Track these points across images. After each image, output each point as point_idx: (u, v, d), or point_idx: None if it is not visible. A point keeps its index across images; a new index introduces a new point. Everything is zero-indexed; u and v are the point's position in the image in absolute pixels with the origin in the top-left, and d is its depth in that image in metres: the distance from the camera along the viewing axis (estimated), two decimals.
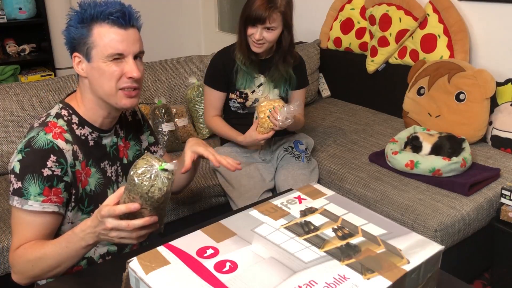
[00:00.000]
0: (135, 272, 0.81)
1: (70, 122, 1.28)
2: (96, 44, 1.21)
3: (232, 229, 0.93)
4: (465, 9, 2.60)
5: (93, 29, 1.21)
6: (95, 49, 1.21)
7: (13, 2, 3.37)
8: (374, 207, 2.01)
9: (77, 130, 1.28)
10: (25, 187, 1.18)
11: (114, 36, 1.21)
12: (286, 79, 2.12)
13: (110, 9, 1.20)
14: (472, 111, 2.35)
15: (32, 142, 1.19)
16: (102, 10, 1.20)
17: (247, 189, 1.99)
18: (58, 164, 1.20)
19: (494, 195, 2.01)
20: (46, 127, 1.23)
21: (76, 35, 1.22)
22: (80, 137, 1.29)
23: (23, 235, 1.21)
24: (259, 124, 1.94)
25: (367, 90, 3.03)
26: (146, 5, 4.18)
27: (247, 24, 1.97)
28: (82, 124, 1.30)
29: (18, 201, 1.18)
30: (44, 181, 1.18)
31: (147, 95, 2.55)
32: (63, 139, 1.22)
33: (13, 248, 1.22)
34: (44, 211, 1.20)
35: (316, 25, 3.34)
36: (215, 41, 4.31)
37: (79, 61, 1.25)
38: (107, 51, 1.21)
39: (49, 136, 1.20)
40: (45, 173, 1.18)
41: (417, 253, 0.86)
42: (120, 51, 1.22)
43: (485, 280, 2.21)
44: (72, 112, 1.29)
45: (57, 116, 1.27)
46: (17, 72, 3.48)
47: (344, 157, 2.34)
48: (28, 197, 1.18)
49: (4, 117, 2.16)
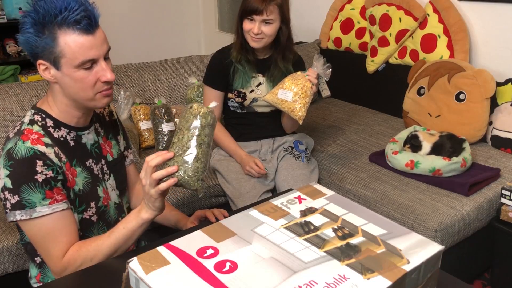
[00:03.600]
0: (135, 272, 0.81)
1: (46, 126, 1.25)
2: (64, 53, 1.15)
3: (232, 229, 0.93)
4: (465, 9, 2.60)
5: (59, 38, 1.14)
6: (64, 58, 1.16)
7: (13, 2, 3.38)
8: (374, 207, 2.01)
9: (54, 132, 1.26)
10: (24, 198, 1.16)
11: (83, 44, 1.15)
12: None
13: (74, 16, 1.13)
14: (472, 111, 2.35)
15: (13, 153, 1.16)
16: (66, 17, 1.13)
17: (247, 189, 1.99)
18: (47, 167, 1.18)
19: (494, 195, 2.01)
20: (22, 135, 1.20)
21: (39, 44, 1.15)
22: (59, 139, 1.27)
23: (59, 241, 1.21)
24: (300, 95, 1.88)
25: (367, 90, 3.03)
26: (146, 5, 4.18)
27: (244, 17, 1.96)
28: (58, 126, 1.27)
29: (22, 213, 1.17)
30: (42, 186, 1.17)
31: (147, 95, 2.55)
32: (42, 144, 1.20)
33: (57, 257, 1.22)
34: (55, 211, 1.20)
35: (316, 25, 3.34)
36: (215, 41, 4.31)
37: (45, 67, 1.19)
38: (77, 59, 1.16)
39: (27, 144, 1.17)
40: (40, 179, 1.17)
41: (417, 253, 0.86)
42: (91, 58, 1.18)
43: (485, 280, 2.21)
44: (45, 116, 1.26)
45: (31, 122, 1.24)
46: (17, 72, 3.48)
47: (344, 157, 2.34)
48: (33, 206, 1.17)
49: (4, 117, 2.16)
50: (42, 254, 1.25)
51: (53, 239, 1.22)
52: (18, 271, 1.76)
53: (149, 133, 2.47)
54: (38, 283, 1.36)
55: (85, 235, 1.33)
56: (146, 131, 2.47)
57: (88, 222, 1.33)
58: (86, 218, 1.32)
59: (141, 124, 2.47)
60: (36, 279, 1.36)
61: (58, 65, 1.18)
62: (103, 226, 1.38)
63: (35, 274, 1.36)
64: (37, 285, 1.37)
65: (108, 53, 1.24)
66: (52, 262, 1.24)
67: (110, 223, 1.40)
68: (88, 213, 1.32)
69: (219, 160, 2.16)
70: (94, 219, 1.34)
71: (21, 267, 1.76)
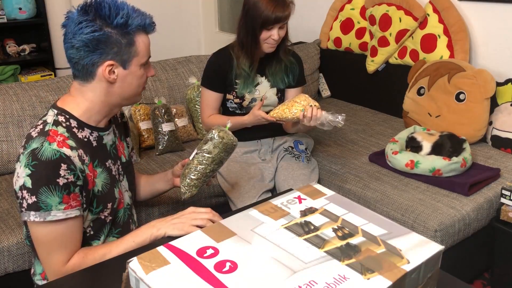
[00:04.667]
0: (135, 272, 0.81)
1: (70, 127, 1.26)
2: (138, 52, 1.27)
3: (232, 229, 0.93)
4: (465, 9, 2.60)
5: (137, 38, 1.26)
6: (136, 57, 1.27)
7: (13, 2, 3.37)
8: (374, 207, 2.01)
9: (78, 133, 1.27)
10: (42, 200, 1.16)
11: (147, 44, 1.30)
12: (287, 74, 2.11)
13: (147, 21, 1.28)
14: (472, 111, 2.35)
15: (38, 154, 1.16)
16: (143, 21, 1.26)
17: (246, 189, 1.99)
18: (70, 171, 1.18)
19: (494, 195, 2.01)
20: (48, 136, 1.20)
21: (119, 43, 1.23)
22: (83, 140, 1.28)
23: (65, 247, 1.23)
24: (283, 108, 1.86)
25: (367, 90, 3.03)
26: (146, 5, 4.18)
27: (264, 28, 1.92)
28: (82, 127, 1.29)
29: (37, 215, 1.17)
30: (62, 190, 1.17)
31: (147, 95, 2.55)
32: (67, 147, 1.20)
33: (62, 261, 1.23)
34: (68, 217, 1.20)
35: (316, 25, 3.34)
36: (215, 41, 4.30)
37: (111, 68, 1.25)
38: (144, 58, 1.29)
39: (54, 146, 1.18)
40: (61, 182, 1.17)
41: (417, 253, 0.86)
42: (149, 56, 1.33)
43: (485, 280, 2.21)
44: (69, 117, 1.27)
45: (55, 123, 1.24)
46: (17, 72, 3.48)
47: (344, 157, 2.34)
48: (48, 209, 1.17)
49: (4, 117, 2.16)
50: (43, 255, 1.25)
51: (60, 244, 1.22)
52: (18, 271, 1.76)
53: (149, 133, 2.47)
54: (43, 280, 1.36)
55: (96, 235, 1.34)
56: (146, 131, 2.47)
57: (102, 222, 1.34)
58: (101, 218, 1.33)
59: (141, 124, 2.47)
60: (41, 276, 1.37)
61: (128, 64, 1.27)
62: (112, 227, 1.39)
63: (40, 271, 1.37)
64: (41, 282, 1.37)
65: None
66: (52, 266, 1.24)
67: (118, 224, 1.41)
68: (104, 213, 1.33)
69: None
70: (108, 220, 1.35)
71: (21, 267, 1.76)
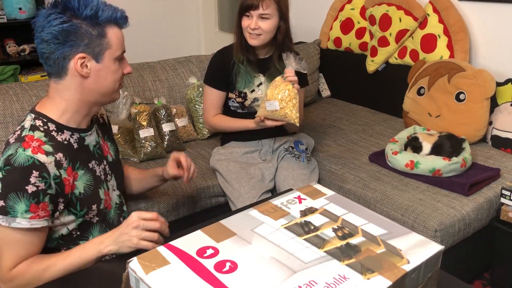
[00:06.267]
0: (135, 272, 0.81)
1: (48, 130, 1.24)
2: (110, 45, 1.25)
3: (232, 229, 0.93)
4: (465, 9, 2.60)
5: (108, 30, 1.24)
6: (109, 50, 1.25)
7: (13, 2, 3.37)
8: (374, 207, 2.01)
9: (58, 136, 1.25)
10: (9, 205, 1.15)
11: (122, 37, 1.29)
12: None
13: (118, 14, 1.26)
14: (472, 111, 2.35)
15: (11, 159, 1.15)
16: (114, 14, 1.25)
17: (246, 190, 1.99)
18: (42, 179, 1.16)
19: (494, 195, 2.01)
20: (24, 142, 1.18)
21: (90, 35, 1.21)
22: (63, 143, 1.26)
23: (16, 254, 1.19)
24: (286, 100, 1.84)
25: (367, 90, 3.03)
26: (146, 5, 4.18)
27: (242, 14, 1.98)
28: (61, 130, 1.27)
29: (4, 220, 1.16)
30: (30, 198, 1.15)
31: (147, 95, 2.55)
32: (42, 152, 1.18)
33: (7, 267, 1.19)
34: (32, 227, 1.18)
35: (316, 25, 3.34)
36: (215, 41, 4.31)
37: (83, 62, 1.23)
38: (117, 52, 1.27)
39: (28, 152, 1.16)
40: (30, 190, 1.15)
41: (417, 253, 0.86)
42: (124, 50, 1.30)
43: (485, 280, 2.21)
44: (47, 121, 1.25)
45: (32, 128, 1.22)
46: (17, 72, 3.48)
47: (344, 157, 2.34)
48: (15, 215, 1.15)
49: (4, 117, 2.16)
50: None
51: (13, 250, 1.19)
52: None
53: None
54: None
55: (83, 235, 1.33)
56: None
57: (88, 224, 1.33)
58: (87, 220, 1.32)
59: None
60: None
61: (101, 57, 1.24)
62: (105, 227, 1.38)
63: None
64: None
65: None
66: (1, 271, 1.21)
67: (111, 224, 1.40)
68: (89, 215, 1.32)
69: (219, 160, 2.16)
70: (95, 221, 1.34)
71: None
